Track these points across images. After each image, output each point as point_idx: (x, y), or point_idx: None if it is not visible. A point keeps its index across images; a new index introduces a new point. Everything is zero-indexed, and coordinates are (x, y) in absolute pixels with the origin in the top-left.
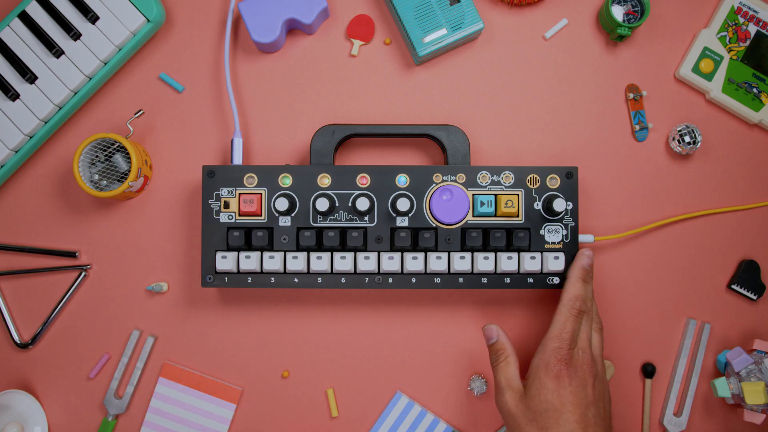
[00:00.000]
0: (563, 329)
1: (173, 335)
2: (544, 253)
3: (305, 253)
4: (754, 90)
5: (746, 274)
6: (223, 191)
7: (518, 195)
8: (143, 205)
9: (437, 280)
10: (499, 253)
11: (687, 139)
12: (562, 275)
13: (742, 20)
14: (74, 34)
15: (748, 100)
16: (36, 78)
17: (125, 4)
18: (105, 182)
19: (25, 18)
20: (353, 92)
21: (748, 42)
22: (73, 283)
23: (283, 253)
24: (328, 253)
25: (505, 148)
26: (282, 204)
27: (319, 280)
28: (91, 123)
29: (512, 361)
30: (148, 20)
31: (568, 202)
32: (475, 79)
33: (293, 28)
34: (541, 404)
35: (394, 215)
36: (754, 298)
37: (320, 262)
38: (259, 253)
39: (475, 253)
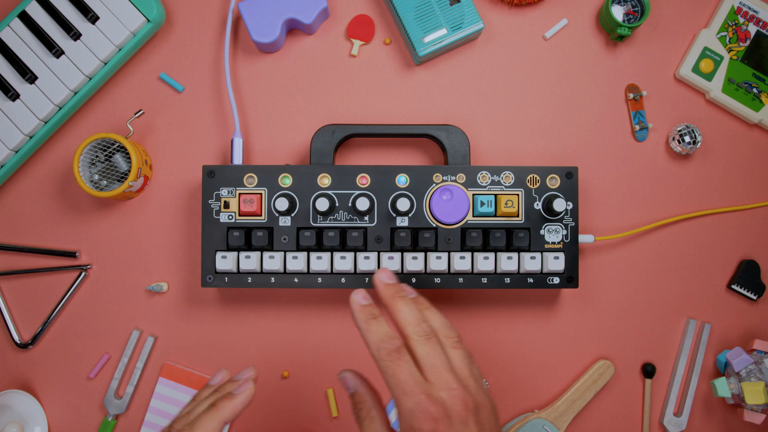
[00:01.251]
0: (398, 381)
1: (173, 335)
2: (544, 253)
3: (305, 253)
4: (754, 90)
5: (746, 274)
6: (223, 191)
7: (518, 195)
8: (143, 205)
9: (437, 280)
10: (499, 253)
11: (687, 139)
12: (563, 275)
13: (742, 20)
14: (74, 34)
15: (748, 100)
16: (36, 78)
17: (125, 4)
18: (105, 182)
19: (25, 18)
20: (353, 92)
21: (748, 42)
22: (73, 283)
23: (283, 253)
24: (328, 253)
25: (505, 148)
26: (282, 204)
27: (319, 280)
28: (91, 123)
29: (376, 416)
30: (148, 20)
31: (568, 202)
32: (475, 79)
33: (293, 28)
34: None
35: (394, 215)
36: (754, 298)
37: (320, 262)
38: (259, 253)
39: (475, 253)
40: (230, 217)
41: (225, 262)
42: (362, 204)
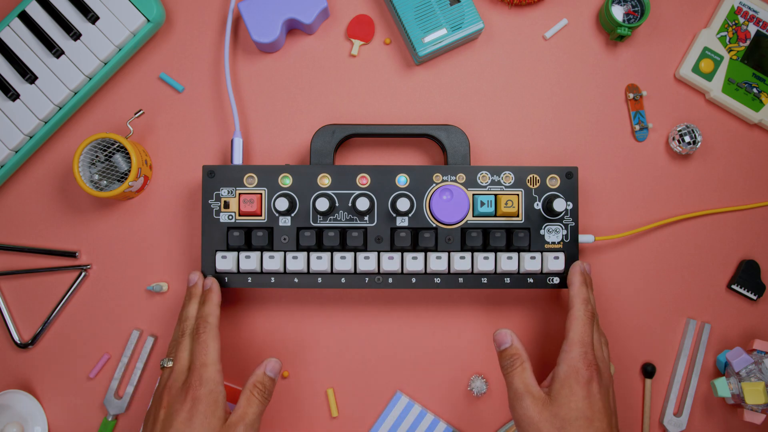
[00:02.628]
0: (584, 333)
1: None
2: (544, 253)
3: (305, 253)
4: (754, 90)
5: (746, 274)
6: (223, 191)
7: (518, 195)
8: (143, 205)
9: (437, 280)
10: (499, 253)
11: (687, 139)
12: (562, 275)
13: (742, 20)
14: (74, 34)
15: (748, 100)
16: (36, 78)
17: (125, 4)
18: (105, 182)
19: (25, 18)
20: (353, 92)
21: (748, 42)
22: (73, 283)
23: (283, 253)
24: (328, 253)
25: (505, 148)
26: (282, 204)
27: (319, 280)
28: (91, 123)
29: (528, 367)
30: (148, 20)
31: (568, 202)
32: (475, 79)
33: (293, 28)
34: (571, 412)
35: (394, 215)
36: (754, 298)
37: (320, 262)
38: (259, 253)
39: (475, 253)
40: (230, 217)
41: (225, 262)
42: (362, 204)
